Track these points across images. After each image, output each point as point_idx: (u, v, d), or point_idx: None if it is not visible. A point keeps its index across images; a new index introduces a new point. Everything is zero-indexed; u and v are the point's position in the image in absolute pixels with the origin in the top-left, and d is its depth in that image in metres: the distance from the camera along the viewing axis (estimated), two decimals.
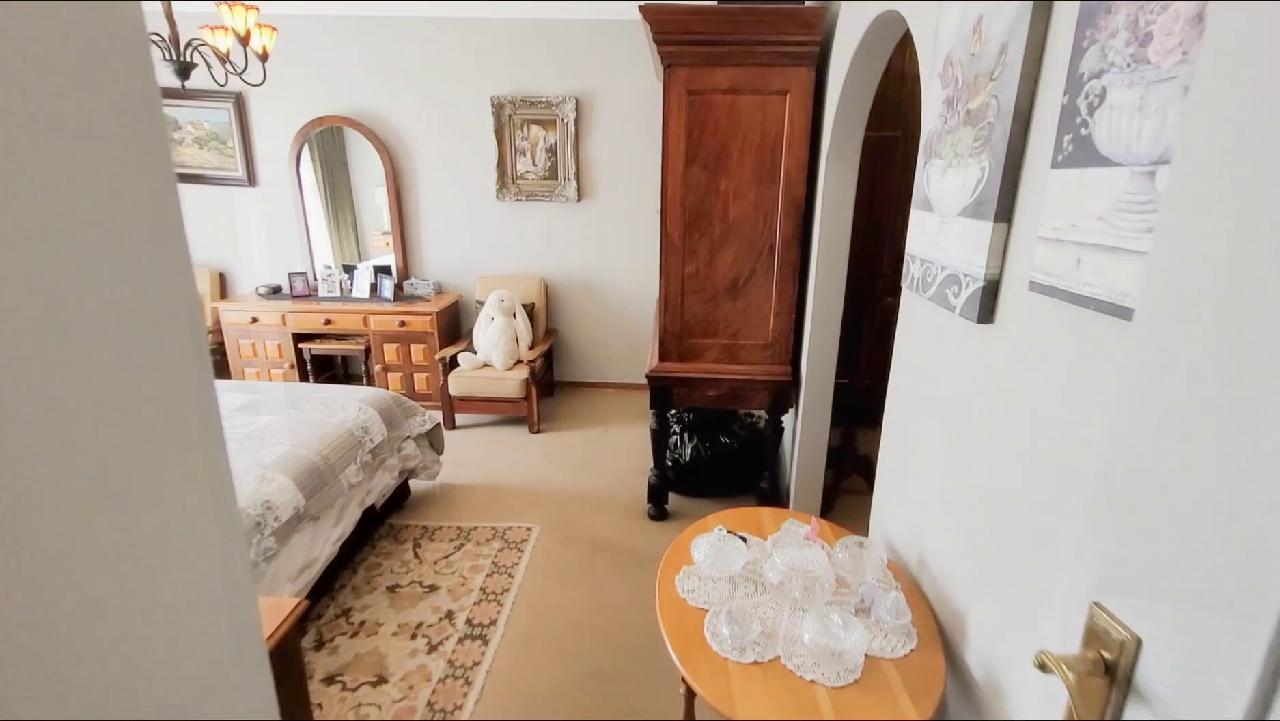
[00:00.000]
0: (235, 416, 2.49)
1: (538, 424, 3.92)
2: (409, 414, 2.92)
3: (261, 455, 2.16)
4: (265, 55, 2.45)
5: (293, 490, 2.07)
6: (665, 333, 2.67)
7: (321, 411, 2.57)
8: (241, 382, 2.90)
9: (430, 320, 4.07)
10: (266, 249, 4.50)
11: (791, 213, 2.49)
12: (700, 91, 2.37)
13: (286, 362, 4.19)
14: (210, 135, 4.27)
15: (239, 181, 4.35)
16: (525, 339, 4.06)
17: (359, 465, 2.44)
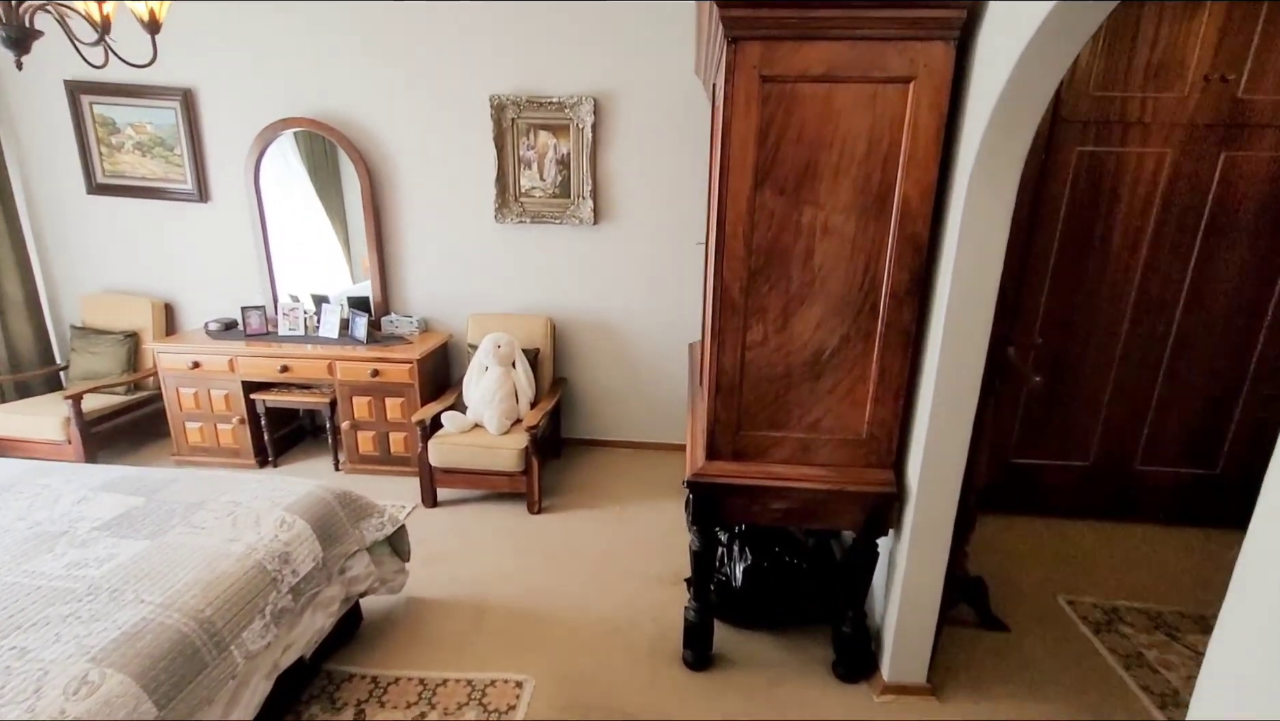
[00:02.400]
0: (93, 542, 1.72)
1: (539, 502, 3.13)
2: (361, 516, 2.14)
3: (95, 632, 1.38)
4: (155, 24, 1.72)
5: (134, 699, 1.29)
6: (715, 422, 1.88)
7: (223, 531, 1.80)
8: (135, 471, 2.14)
9: (410, 369, 3.30)
10: (220, 276, 3.77)
11: (908, 256, 1.70)
12: (780, 78, 1.60)
13: (236, 417, 3.43)
14: (155, 140, 3.57)
15: (188, 195, 3.64)
16: (527, 394, 3.29)
17: (268, 619, 1.66)
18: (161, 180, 3.62)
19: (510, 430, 3.16)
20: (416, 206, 3.61)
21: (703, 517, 1.96)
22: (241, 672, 1.55)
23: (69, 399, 3.18)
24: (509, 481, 3.10)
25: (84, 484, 2.02)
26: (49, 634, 1.37)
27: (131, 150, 3.58)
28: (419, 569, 2.55)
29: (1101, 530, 3.00)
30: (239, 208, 3.62)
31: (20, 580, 1.54)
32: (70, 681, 1.25)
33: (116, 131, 3.55)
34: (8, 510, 1.85)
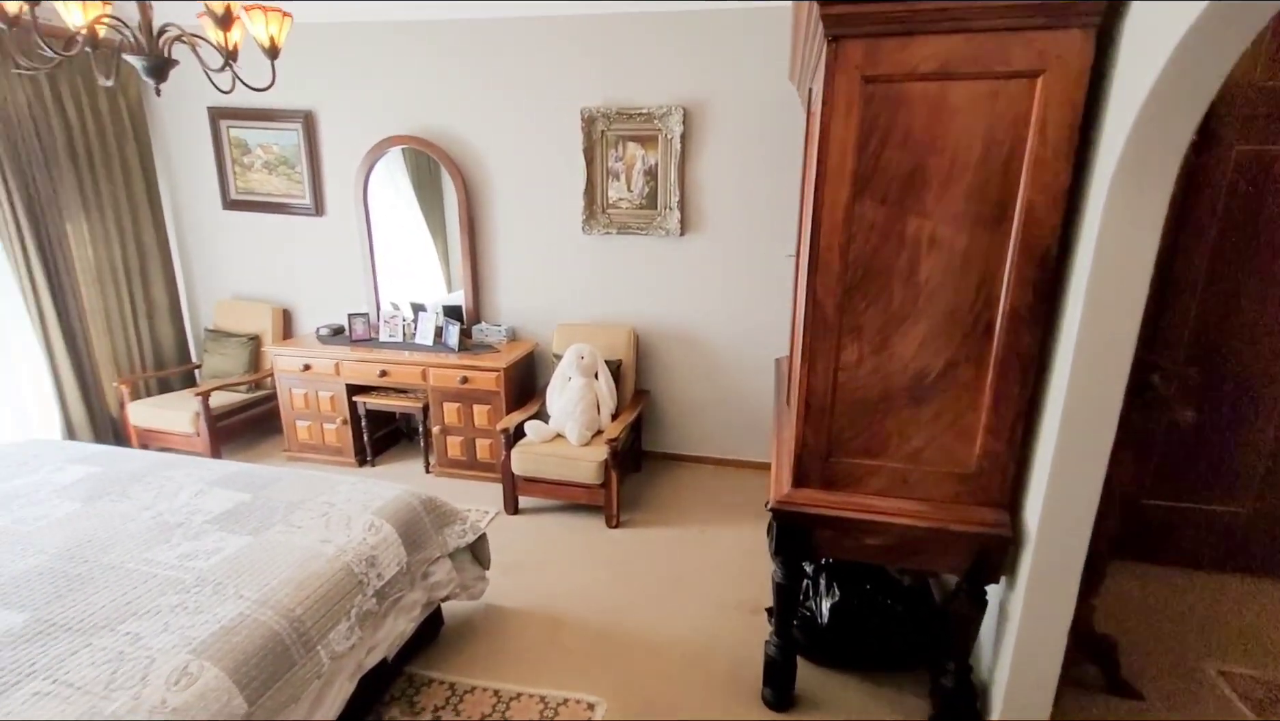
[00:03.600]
0: (204, 535, 1.85)
1: (617, 516, 3.10)
2: (444, 523, 2.18)
3: (198, 624, 1.47)
4: (274, 50, 1.84)
5: (226, 692, 1.35)
6: (804, 447, 1.76)
7: (317, 531, 1.88)
8: (246, 468, 2.30)
9: (497, 377, 3.38)
10: (331, 284, 4.04)
11: (1030, 272, 1.51)
12: (885, 78, 1.47)
13: (340, 418, 3.65)
14: (279, 159, 3.88)
15: (306, 209, 3.93)
16: (608, 405, 3.27)
17: (353, 621, 1.71)
18: (284, 196, 3.93)
19: (591, 441, 3.15)
20: (508, 218, 3.70)
21: (787, 548, 1.83)
22: (327, 673, 1.60)
23: (199, 395, 3.50)
24: (588, 493, 3.08)
25: (202, 478, 2.19)
26: (159, 623, 1.47)
27: (260, 169, 3.91)
28: (498, 576, 2.58)
29: (1261, 588, 2.57)
30: (349, 221, 3.87)
31: (140, 567, 1.68)
32: (172, 671, 1.32)
33: (248, 152, 3.90)
34: (136, 500, 2.04)
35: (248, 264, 4.15)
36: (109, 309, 3.71)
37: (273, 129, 3.81)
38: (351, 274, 3.96)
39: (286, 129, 3.79)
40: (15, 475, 2.19)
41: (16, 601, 1.53)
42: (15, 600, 1.53)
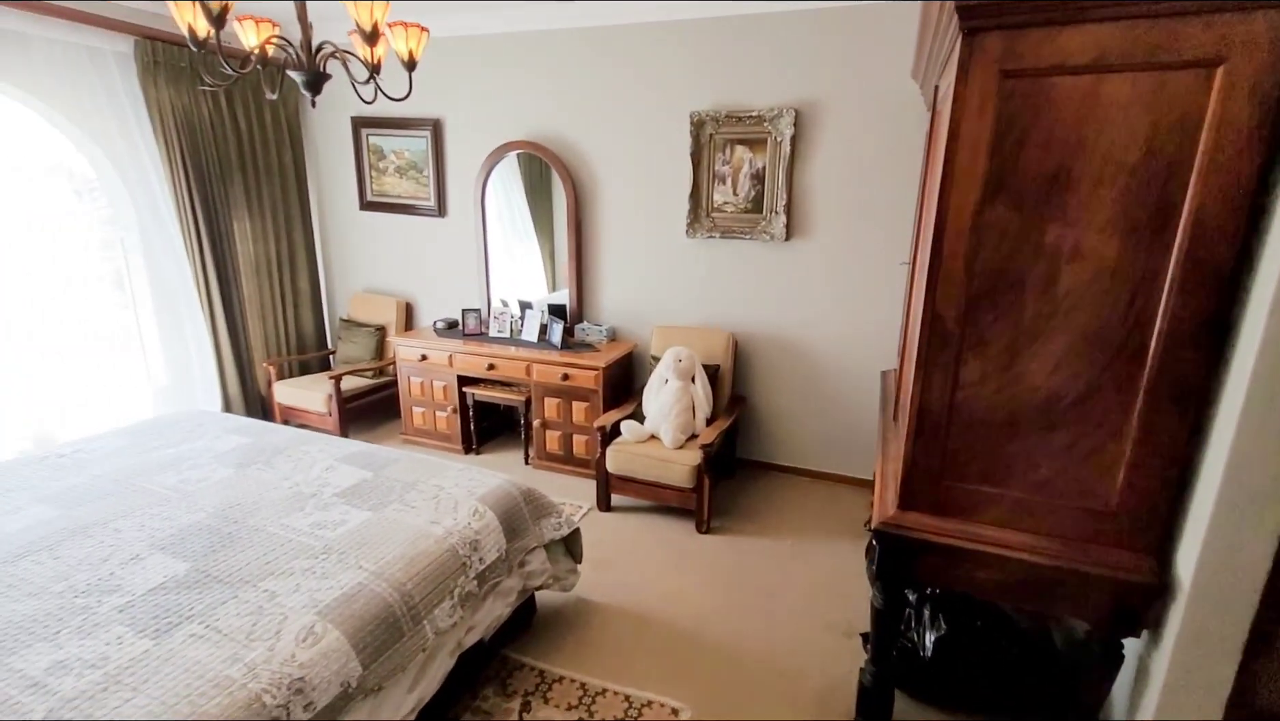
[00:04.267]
0: (332, 507, 2.03)
1: (708, 522, 3.07)
2: (541, 515, 2.26)
3: (324, 588, 1.61)
4: (412, 62, 1.99)
5: (345, 654, 1.47)
6: (913, 467, 1.65)
7: (427, 512, 2.00)
8: (369, 448, 2.50)
9: (596, 376, 3.46)
10: (448, 281, 4.31)
11: (1198, 288, 1.33)
12: (1026, 72, 1.35)
13: (450, 406, 3.89)
14: (409, 164, 4.20)
15: (430, 211, 4.22)
16: (704, 409, 3.25)
17: (456, 600, 1.81)
18: (411, 198, 4.25)
19: (685, 445, 3.15)
20: (613, 221, 3.78)
21: (889, 573, 1.73)
22: (431, 647, 1.71)
23: (332, 379, 3.86)
24: (679, 496, 3.08)
25: (332, 454, 2.40)
26: (291, 583, 1.63)
27: (392, 173, 4.25)
28: (589, 571, 2.63)
29: None
30: (467, 221, 4.11)
31: (279, 531, 1.87)
32: (301, 629, 1.46)
33: (383, 157, 4.25)
34: (278, 470, 2.27)
35: (378, 260, 4.52)
36: (263, 298, 4.18)
37: (405, 136, 4.13)
38: (467, 271, 4.20)
39: (417, 136, 4.09)
40: (185, 440, 2.52)
41: (181, 552, 1.76)
42: (180, 550, 1.76)
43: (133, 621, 1.47)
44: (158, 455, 2.37)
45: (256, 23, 1.88)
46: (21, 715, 1.21)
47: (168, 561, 1.71)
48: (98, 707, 1.24)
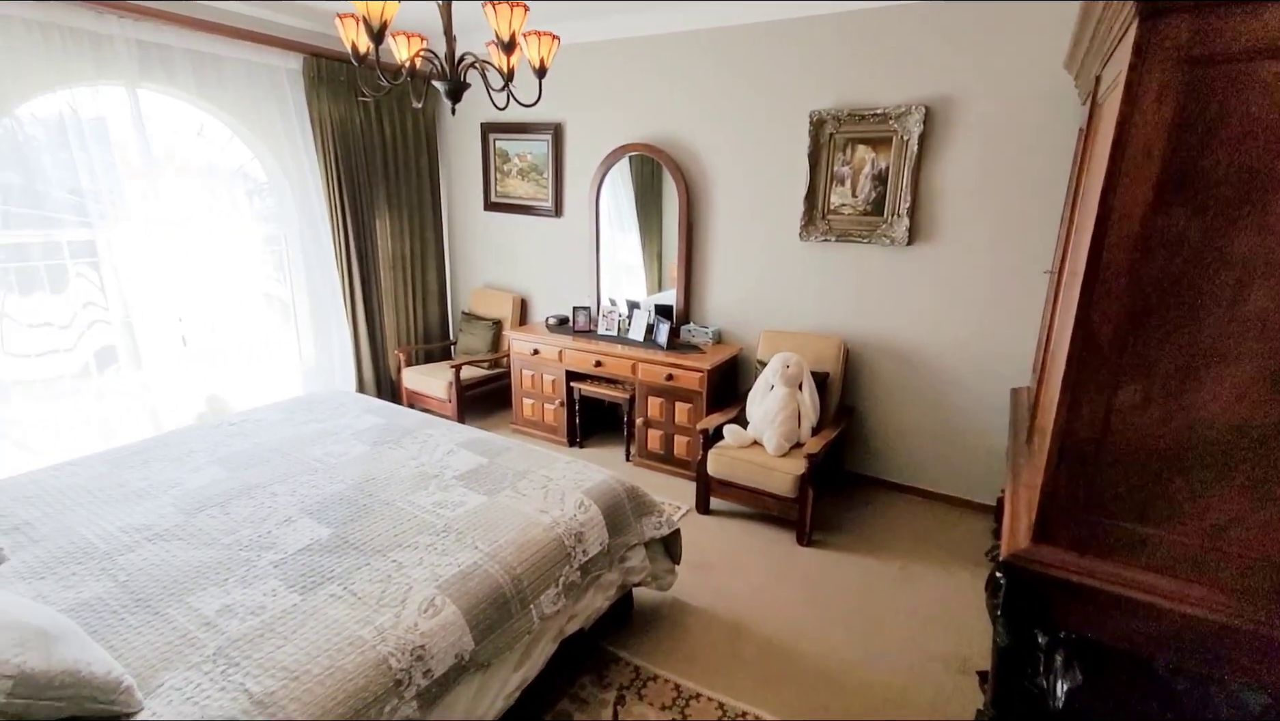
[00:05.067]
0: (452, 489, 2.17)
1: (809, 534, 2.97)
2: (643, 512, 2.29)
3: (443, 564, 1.73)
4: (543, 69, 2.08)
5: (460, 629, 1.57)
6: (1053, 497, 1.50)
7: (536, 501, 2.09)
8: (485, 435, 2.65)
9: (700, 378, 3.45)
10: (561, 279, 4.47)
11: None
12: (1220, 58, 1.18)
13: (557, 400, 4.03)
14: (531, 167, 4.40)
15: (548, 211, 4.39)
16: (810, 418, 3.14)
17: (560, 588, 1.88)
18: (531, 199, 4.45)
19: (789, 453, 3.06)
20: (725, 223, 3.75)
21: (1017, 610, 1.58)
22: (536, 630, 1.78)
23: (453, 368, 4.13)
24: (780, 505, 3.00)
25: (453, 439, 2.57)
26: (415, 556, 1.76)
27: (515, 175, 4.47)
28: (685, 572, 2.63)
29: None
30: (581, 222, 4.24)
31: (405, 507, 2.02)
32: (423, 601, 1.58)
33: (508, 160, 4.48)
34: (406, 450, 2.47)
35: (497, 257, 4.77)
36: (397, 291, 4.55)
37: (528, 140, 4.33)
38: (579, 270, 4.34)
39: (539, 140, 4.28)
40: (329, 417, 2.79)
41: (325, 518, 1.95)
42: (324, 517, 1.96)
43: (285, 577, 1.66)
44: (307, 429, 2.65)
45: (408, 38, 2.05)
46: (197, 648, 1.40)
47: (314, 526, 1.90)
48: (256, 650, 1.40)
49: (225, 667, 1.35)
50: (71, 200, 3.06)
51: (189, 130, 3.56)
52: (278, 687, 1.30)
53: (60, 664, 1.17)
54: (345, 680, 1.35)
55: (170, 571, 1.66)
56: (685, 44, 3.60)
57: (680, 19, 3.52)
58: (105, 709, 1.20)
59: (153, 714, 1.23)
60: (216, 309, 3.74)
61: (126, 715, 1.22)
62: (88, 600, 1.53)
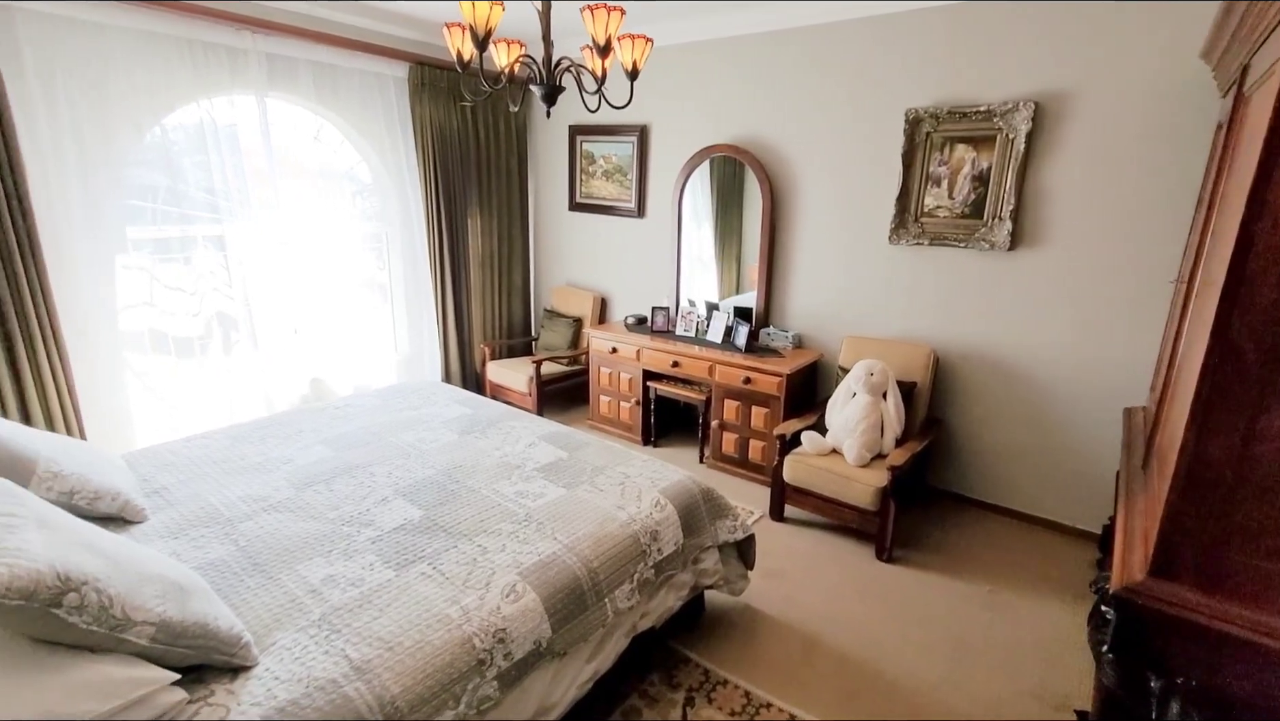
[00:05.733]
0: (533, 480, 2.24)
1: (889, 550, 2.85)
2: (718, 515, 2.28)
3: (524, 553, 1.79)
4: (635, 72, 2.11)
5: (539, 616, 1.62)
6: (1176, 527, 1.37)
7: (613, 497, 2.12)
8: (564, 429, 2.71)
9: (779, 382, 3.39)
10: (641, 279, 4.51)
11: None
12: None
13: (634, 398, 4.08)
14: (616, 168, 4.46)
15: (630, 212, 4.45)
16: (894, 428, 3.02)
17: (634, 585, 1.90)
18: (614, 200, 4.52)
19: (870, 464, 2.95)
20: (810, 225, 3.66)
21: (1128, 650, 1.46)
22: (610, 624, 1.81)
23: (534, 363, 4.26)
24: (859, 517, 2.90)
25: (534, 432, 2.65)
26: (499, 543, 1.83)
27: (600, 176, 4.56)
28: (758, 579, 2.59)
29: None
30: (663, 223, 4.27)
31: (489, 495, 2.11)
32: (505, 586, 1.64)
33: (593, 162, 4.57)
34: (490, 440, 2.57)
35: (579, 256, 4.88)
36: (484, 288, 4.74)
37: (614, 142, 4.40)
38: (658, 271, 4.36)
39: (624, 141, 4.34)
40: (421, 405, 2.95)
41: (417, 500, 2.07)
42: (416, 499, 2.07)
43: (381, 553, 1.77)
44: (401, 416, 2.81)
45: (508, 44, 2.13)
46: (305, 613, 1.52)
47: (407, 507, 2.02)
48: (354, 619, 1.50)
49: (328, 633, 1.45)
50: (205, 198, 3.39)
51: (307, 135, 3.86)
52: (374, 656, 1.39)
53: (192, 616, 1.30)
54: (434, 654, 1.42)
55: (282, 540, 1.81)
56: (775, 43, 3.55)
57: (773, 18, 3.47)
58: (227, 660, 1.33)
59: (266, 669, 1.35)
60: (323, 300, 4.04)
61: (245, 668, 1.35)
62: (213, 560, 1.70)
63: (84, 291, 2.97)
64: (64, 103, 2.80)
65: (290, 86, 3.54)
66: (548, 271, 5.15)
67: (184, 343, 3.51)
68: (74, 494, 1.77)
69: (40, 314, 2.77)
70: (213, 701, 1.26)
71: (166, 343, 3.45)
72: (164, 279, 3.39)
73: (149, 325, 3.37)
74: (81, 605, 1.13)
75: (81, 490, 1.78)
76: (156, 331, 3.40)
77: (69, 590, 1.12)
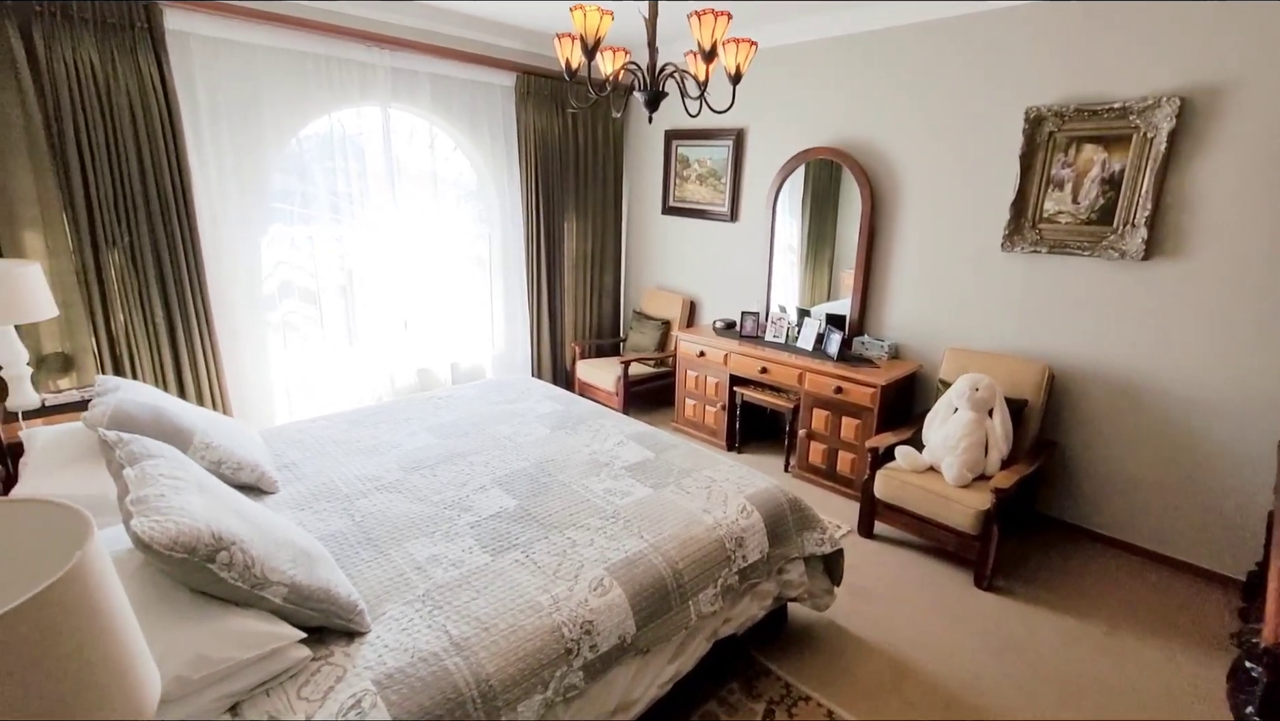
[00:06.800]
0: (621, 478, 2.28)
1: (989, 578, 2.68)
2: (805, 526, 2.23)
3: (611, 549, 1.83)
4: (738, 75, 2.10)
5: (625, 612, 1.65)
6: None
7: (699, 500, 2.13)
8: (651, 430, 2.75)
9: (873, 394, 3.26)
10: (731, 283, 4.49)
11: None
12: None
13: (719, 403, 4.06)
14: (710, 172, 4.47)
15: (723, 216, 4.43)
16: (1000, 449, 2.83)
17: (718, 589, 1.90)
18: (707, 204, 4.52)
19: (971, 485, 2.79)
20: (912, 229, 3.50)
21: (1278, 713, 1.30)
22: (692, 627, 1.82)
23: (622, 363, 4.34)
24: (957, 540, 2.74)
25: (622, 431, 2.71)
26: (587, 537, 1.88)
27: (694, 180, 4.58)
28: (844, 596, 2.52)
29: None
30: (756, 227, 4.22)
31: (579, 490, 2.18)
32: (593, 580, 1.69)
33: (688, 166, 4.60)
34: (580, 436, 2.65)
35: (669, 260, 4.92)
36: (577, 288, 4.88)
37: (709, 146, 4.40)
38: (749, 275, 4.32)
39: (720, 145, 4.33)
40: (517, 400, 3.09)
41: (511, 490, 2.17)
42: (511, 489, 2.18)
43: (478, 537, 1.87)
44: (497, 409, 2.95)
45: (613, 53, 2.19)
46: (410, 587, 1.64)
47: (502, 496, 2.12)
48: (455, 598, 1.60)
49: (431, 609, 1.56)
50: (330, 201, 3.71)
51: (422, 142, 4.13)
52: (471, 634, 1.48)
53: (318, 581, 1.43)
54: (525, 639, 1.49)
55: (392, 518, 1.95)
56: (882, 42, 3.42)
57: (884, 14, 3.35)
58: (345, 625, 1.45)
59: (377, 636, 1.47)
60: (430, 296, 4.31)
61: (359, 634, 1.47)
62: (333, 532, 1.86)
63: (233, 287, 3.34)
64: (224, 116, 3.16)
65: (411, 97, 3.81)
66: (638, 274, 5.23)
67: (310, 332, 3.86)
68: (221, 463, 1.99)
69: (197, 306, 3.15)
70: (332, 661, 1.38)
71: (297, 332, 3.81)
72: (295, 277, 3.75)
73: (283, 317, 3.73)
74: (230, 562, 1.28)
75: (227, 460, 2.01)
76: (289, 323, 3.76)
77: (221, 548, 1.27)
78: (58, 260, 2.78)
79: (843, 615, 2.47)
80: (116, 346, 2.97)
